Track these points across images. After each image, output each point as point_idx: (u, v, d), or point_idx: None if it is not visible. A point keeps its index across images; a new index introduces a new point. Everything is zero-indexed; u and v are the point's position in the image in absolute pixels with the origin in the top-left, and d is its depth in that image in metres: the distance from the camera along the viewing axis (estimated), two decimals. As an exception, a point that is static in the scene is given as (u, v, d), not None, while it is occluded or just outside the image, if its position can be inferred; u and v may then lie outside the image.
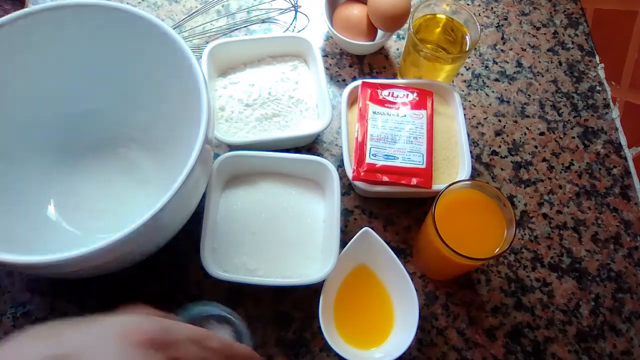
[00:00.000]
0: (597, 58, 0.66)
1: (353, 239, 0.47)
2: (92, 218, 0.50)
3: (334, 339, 0.44)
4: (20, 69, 0.46)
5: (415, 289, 0.45)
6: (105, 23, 0.45)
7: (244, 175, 0.52)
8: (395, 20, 0.57)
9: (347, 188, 0.55)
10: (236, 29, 0.63)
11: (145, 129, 0.52)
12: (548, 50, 0.66)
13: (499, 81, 0.63)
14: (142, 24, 0.43)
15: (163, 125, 0.50)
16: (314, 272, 0.46)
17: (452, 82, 0.62)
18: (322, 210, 0.50)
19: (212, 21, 0.63)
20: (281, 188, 0.51)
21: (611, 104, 0.62)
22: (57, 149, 0.51)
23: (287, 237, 0.48)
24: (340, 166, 0.56)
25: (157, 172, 0.52)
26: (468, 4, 0.68)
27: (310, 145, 0.57)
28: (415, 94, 0.55)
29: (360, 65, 0.63)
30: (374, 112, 0.53)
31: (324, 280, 0.45)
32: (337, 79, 0.62)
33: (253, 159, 0.50)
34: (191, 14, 0.63)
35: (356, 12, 0.60)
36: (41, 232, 0.47)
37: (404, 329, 0.45)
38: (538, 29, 0.67)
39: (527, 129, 0.60)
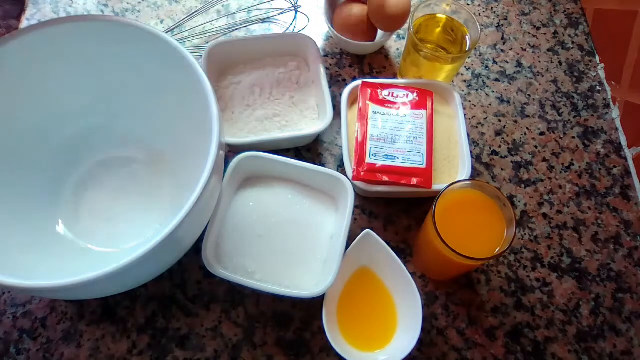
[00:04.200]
0: (597, 58, 0.66)
1: (355, 241, 0.47)
2: (103, 234, 0.49)
3: (338, 342, 0.44)
4: (27, 86, 0.46)
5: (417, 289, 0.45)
6: (110, 38, 0.44)
7: (260, 176, 0.51)
8: (395, 20, 0.57)
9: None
10: (236, 29, 0.63)
11: (153, 141, 0.52)
12: (548, 50, 0.66)
13: (499, 81, 0.63)
14: (146, 38, 0.43)
15: (171, 136, 0.50)
16: (311, 286, 0.45)
17: (452, 82, 0.62)
18: (331, 226, 0.49)
19: (212, 21, 0.63)
20: (295, 196, 0.50)
21: (611, 104, 0.62)
22: (64, 165, 0.51)
23: (291, 246, 0.48)
24: (340, 166, 0.56)
25: (168, 182, 0.51)
26: (468, 4, 0.68)
27: (310, 145, 0.57)
28: (415, 94, 0.55)
29: (360, 65, 0.63)
30: (374, 112, 0.53)
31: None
32: (337, 79, 0.62)
33: (271, 162, 0.49)
34: (191, 14, 0.63)
35: (356, 12, 0.60)
36: (51, 252, 0.46)
37: (407, 331, 0.45)
38: (538, 29, 0.67)
39: (527, 129, 0.60)
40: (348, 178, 0.49)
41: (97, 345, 0.47)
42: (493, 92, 0.62)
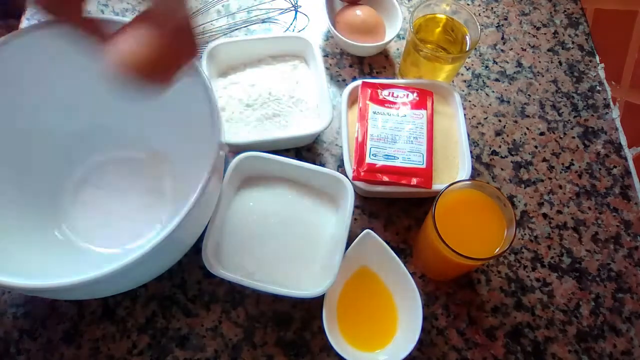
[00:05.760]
0: (597, 58, 0.66)
1: (355, 241, 0.47)
2: (103, 234, 0.49)
3: (338, 342, 0.44)
4: (27, 86, 0.46)
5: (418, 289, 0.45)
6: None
7: (260, 176, 0.51)
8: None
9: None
10: (236, 29, 0.63)
11: (153, 141, 0.52)
12: (548, 50, 0.66)
13: (499, 81, 0.63)
14: None
15: (171, 136, 0.50)
16: (311, 286, 0.45)
17: (452, 82, 0.62)
18: (331, 226, 0.49)
19: (212, 21, 0.63)
20: (295, 196, 0.50)
21: (611, 104, 0.62)
22: (65, 165, 0.51)
23: (291, 246, 0.48)
24: (340, 166, 0.56)
25: (168, 183, 0.51)
26: (468, 4, 0.68)
27: (310, 145, 0.57)
28: (415, 94, 0.55)
29: (360, 65, 0.63)
30: (374, 112, 0.53)
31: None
32: (337, 79, 0.62)
33: (271, 162, 0.49)
34: (191, 14, 0.63)
35: (359, 13, 0.60)
36: (51, 252, 0.46)
37: (407, 331, 0.45)
38: (538, 29, 0.67)
39: (527, 129, 0.60)
40: (348, 178, 0.49)
41: (97, 345, 0.47)
42: (493, 92, 0.62)
